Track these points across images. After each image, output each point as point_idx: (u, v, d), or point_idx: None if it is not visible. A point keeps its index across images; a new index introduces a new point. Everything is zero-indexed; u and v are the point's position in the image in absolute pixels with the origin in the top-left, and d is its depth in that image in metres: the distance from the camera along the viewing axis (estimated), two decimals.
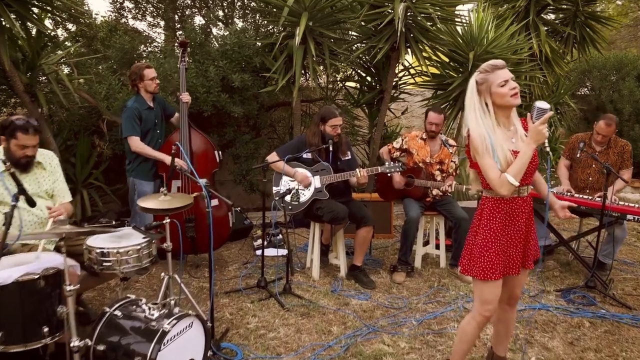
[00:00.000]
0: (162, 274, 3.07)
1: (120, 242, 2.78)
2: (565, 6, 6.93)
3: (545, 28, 6.75)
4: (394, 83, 6.12)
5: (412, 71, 6.17)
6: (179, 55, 4.29)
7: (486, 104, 2.21)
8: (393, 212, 5.39)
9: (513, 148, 2.22)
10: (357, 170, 3.87)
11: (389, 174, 4.06)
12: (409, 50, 5.19)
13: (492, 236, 2.29)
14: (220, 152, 4.33)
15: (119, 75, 5.39)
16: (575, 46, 7.22)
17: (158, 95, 4.26)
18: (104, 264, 2.65)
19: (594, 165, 4.26)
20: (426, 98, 6.35)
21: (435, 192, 4.37)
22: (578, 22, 7.05)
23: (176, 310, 2.48)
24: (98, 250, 2.66)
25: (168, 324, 2.34)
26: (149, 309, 2.43)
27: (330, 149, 3.86)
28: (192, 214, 4.03)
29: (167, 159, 3.84)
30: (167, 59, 5.35)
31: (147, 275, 4.14)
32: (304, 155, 3.95)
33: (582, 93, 9.71)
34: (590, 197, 4.10)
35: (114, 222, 5.14)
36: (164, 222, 2.90)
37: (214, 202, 4.14)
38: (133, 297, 2.62)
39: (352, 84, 6.60)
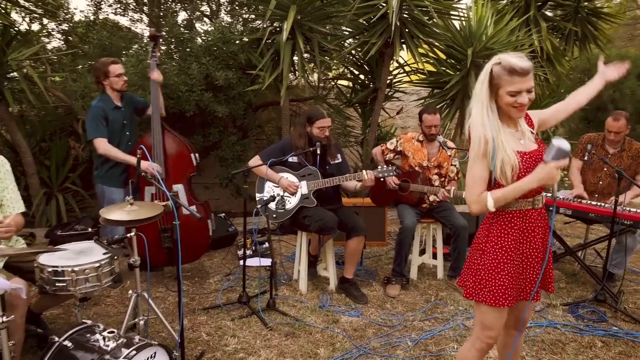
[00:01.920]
0: (130, 291, 2.75)
1: (78, 258, 2.46)
2: (566, 2, 6.65)
3: (546, 24, 6.46)
4: (388, 81, 5.82)
5: (407, 69, 5.86)
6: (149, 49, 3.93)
7: (495, 101, 1.91)
8: (387, 218, 5.08)
9: (520, 149, 1.92)
10: (364, 172, 3.53)
11: (382, 179, 3.75)
12: (403, 46, 4.88)
13: (504, 256, 1.97)
14: (197, 155, 3.99)
15: None
16: (577, 43, 6.96)
17: (127, 93, 3.90)
18: (58, 284, 2.34)
19: (605, 169, 3.96)
20: (422, 97, 6.06)
21: (432, 197, 4.06)
22: (579, 18, 6.78)
23: (136, 339, 2.15)
24: (50, 269, 2.34)
25: (125, 356, 2.02)
26: (104, 338, 2.10)
27: (318, 152, 3.54)
28: (169, 222, 3.70)
29: (141, 163, 3.52)
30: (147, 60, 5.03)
31: (120, 288, 3.81)
32: (290, 159, 3.63)
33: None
34: (599, 204, 3.80)
35: (90, 230, 4.83)
36: (129, 235, 2.57)
37: (191, 208, 3.82)
38: (89, 322, 2.30)
39: (345, 83, 6.29)
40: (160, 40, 3.97)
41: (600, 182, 4.04)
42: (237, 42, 5.09)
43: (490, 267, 1.98)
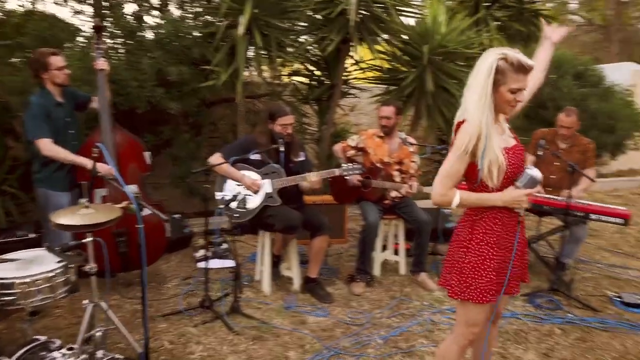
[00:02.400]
0: (85, 301, 2.55)
1: (28, 268, 2.26)
2: (511, 3, 6.89)
3: (495, 24, 6.66)
4: (344, 78, 5.79)
5: (362, 65, 5.85)
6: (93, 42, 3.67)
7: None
8: (347, 215, 5.05)
9: (504, 145, 1.92)
10: (309, 174, 3.49)
11: (346, 177, 3.71)
12: (362, 42, 4.86)
13: (490, 252, 1.97)
14: (150, 154, 3.79)
15: None
16: (522, 43, 7.23)
17: (68, 87, 3.60)
18: (5, 298, 2.13)
19: (556, 163, 4.11)
20: (377, 94, 6.06)
21: (394, 193, 4.06)
22: (523, 18, 7.05)
23: (100, 353, 1.99)
24: None
25: None
26: (64, 356, 1.93)
27: (282, 149, 3.45)
28: (123, 226, 3.49)
29: (89, 163, 3.29)
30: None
31: (70, 297, 3.55)
32: (252, 157, 3.52)
33: None
34: (553, 197, 3.95)
35: (32, 235, 4.50)
36: (85, 241, 2.39)
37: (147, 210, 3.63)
38: (42, 338, 2.11)
39: (300, 79, 6.20)
40: (105, 32, 3.71)
41: (552, 176, 4.19)
42: (191, 36, 4.89)
43: (476, 264, 1.97)
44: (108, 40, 5.08)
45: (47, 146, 3.31)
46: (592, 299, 3.80)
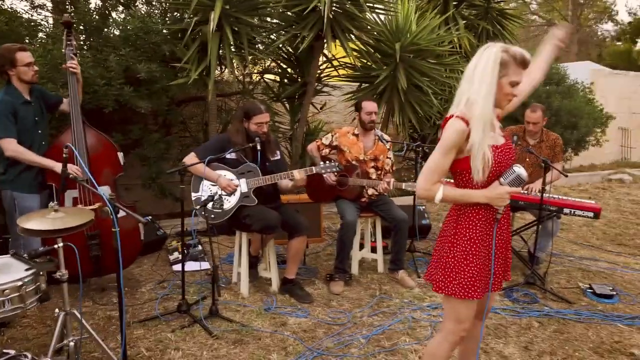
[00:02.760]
0: (57, 310, 2.43)
1: None
2: (478, 2, 7.01)
3: (463, 22, 6.75)
4: (316, 75, 5.75)
5: (335, 63, 5.82)
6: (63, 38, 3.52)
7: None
8: (322, 214, 5.02)
9: (493, 142, 1.92)
10: (295, 171, 3.43)
11: (324, 175, 3.67)
12: (335, 40, 4.83)
13: (473, 248, 1.97)
14: (122, 154, 3.67)
15: None
16: (488, 41, 7.36)
17: (37, 86, 3.45)
18: None
19: (527, 159, 4.18)
20: (349, 92, 6.05)
21: (370, 191, 4.05)
22: (489, 18, 7.18)
23: None
24: None
25: None
26: None
27: (258, 148, 3.37)
28: (96, 229, 3.35)
29: (56, 166, 3.15)
30: (57, 46, 4.54)
31: (38, 306, 3.38)
32: (228, 156, 3.44)
33: None
34: (526, 192, 4.01)
35: None
36: (56, 246, 2.26)
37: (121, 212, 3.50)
38: (11, 352, 1.98)
39: (271, 77, 6.13)
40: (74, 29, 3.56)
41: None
42: (160, 32, 4.74)
43: (460, 259, 1.97)
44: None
45: (11, 146, 3.14)
46: (565, 291, 3.89)
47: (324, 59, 5.80)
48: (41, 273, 2.18)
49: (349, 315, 3.39)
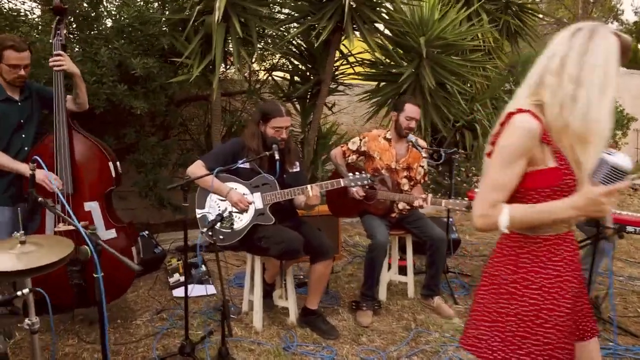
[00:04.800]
0: None
1: None
2: None
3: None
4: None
5: (351, 59, 5.27)
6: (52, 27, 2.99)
7: None
8: (340, 226, 4.47)
9: None
10: (308, 186, 2.88)
11: (354, 189, 3.13)
12: (356, 33, 4.29)
13: (556, 295, 1.47)
14: (118, 164, 3.12)
15: None
16: (507, 38, 6.87)
17: (31, 82, 2.94)
18: None
19: None
20: (366, 91, 5.52)
21: (401, 205, 3.52)
22: (509, 13, 6.69)
23: None
24: None
25: None
26: None
27: (276, 157, 2.82)
28: (76, 253, 2.79)
29: (36, 173, 2.62)
30: (42, 37, 3.99)
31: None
32: (241, 165, 2.89)
33: (505, 88, 9.56)
34: None
35: None
36: (20, 294, 1.71)
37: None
38: None
39: (280, 74, 5.58)
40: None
41: None
42: (158, 23, 4.20)
43: (536, 318, 1.47)
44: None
45: None
46: (627, 321, 3.37)
47: (339, 54, 5.25)
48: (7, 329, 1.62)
49: (383, 355, 2.85)
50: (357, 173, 2.97)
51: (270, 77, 5.46)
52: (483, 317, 1.57)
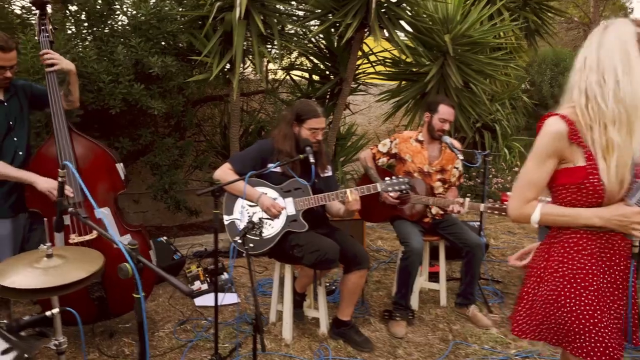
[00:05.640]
0: None
1: None
2: None
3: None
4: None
5: (372, 58, 5.11)
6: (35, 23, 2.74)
7: None
8: (365, 228, 4.30)
9: None
10: (347, 191, 2.72)
11: (391, 194, 2.95)
12: (382, 29, 4.13)
13: (580, 286, 1.57)
14: (122, 165, 2.92)
15: None
16: (526, 36, 6.70)
17: (19, 81, 2.71)
18: None
19: None
20: (387, 90, 5.36)
21: (434, 209, 3.36)
22: (527, 10, 6.52)
23: None
24: None
25: None
26: None
27: (311, 160, 2.66)
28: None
29: (38, 181, 2.48)
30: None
31: None
32: (272, 168, 2.72)
33: (522, 88, 9.39)
34: None
35: None
36: (49, 314, 1.55)
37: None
38: None
39: (298, 74, 5.42)
40: (49, 7, 2.76)
41: None
42: (176, 20, 4.04)
43: (555, 302, 1.58)
44: (72, 27, 4.19)
45: None
46: None
47: (360, 53, 5.09)
48: (28, 356, 1.46)
49: None
50: (393, 177, 2.80)
51: (288, 76, 5.30)
52: (521, 300, 1.70)
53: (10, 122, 2.58)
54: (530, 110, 8.70)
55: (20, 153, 2.62)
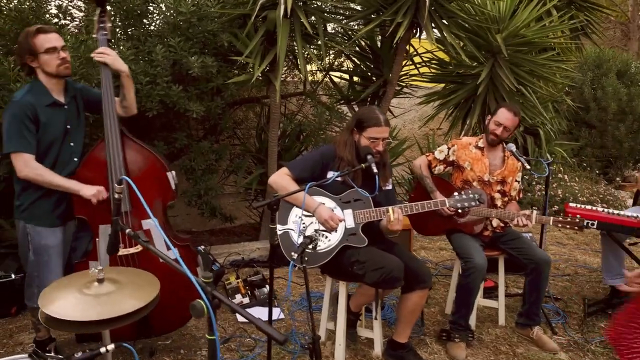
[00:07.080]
0: None
1: None
2: None
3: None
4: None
5: (416, 59, 4.86)
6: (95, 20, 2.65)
7: None
8: (413, 239, 4.06)
9: None
10: (390, 208, 2.48)
11: (460, 211, 2.71)
12: (434, 28, 3.89)
13: None
14: (174, 174, 2.75)
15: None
16: (573, 36, 6.38)
17: (74, 82, 2.61)
18: None
19: None
20: (433, 92, 5.11)
21: (495, 222, 3.11)
22: (572, 8, 6.20)
23: None
24: None
25: None
26: None
27: (374, 170, 2.43)
28: None
29: (84, 189, 2.38)
30: (91, 36, 3.68)
31: None
32: (334, 178, 2.49)
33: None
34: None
35: (13, 276, 3.45)
36: (103, 350, 1.36)
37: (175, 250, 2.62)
38: None
39: (337, 75, 5.20)
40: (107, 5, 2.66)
41: None
42: (217, 19, 3.87)
43: None
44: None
45: (25, 162, 2.32)
46: None
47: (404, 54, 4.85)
48: None
49: None
50: (462, 193, 2.56)
51: (328, 77, 5.09)
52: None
53: (68, 126, 2.50)
54: (573, 114, 8.37)
55: (75, 159, 2.54)
